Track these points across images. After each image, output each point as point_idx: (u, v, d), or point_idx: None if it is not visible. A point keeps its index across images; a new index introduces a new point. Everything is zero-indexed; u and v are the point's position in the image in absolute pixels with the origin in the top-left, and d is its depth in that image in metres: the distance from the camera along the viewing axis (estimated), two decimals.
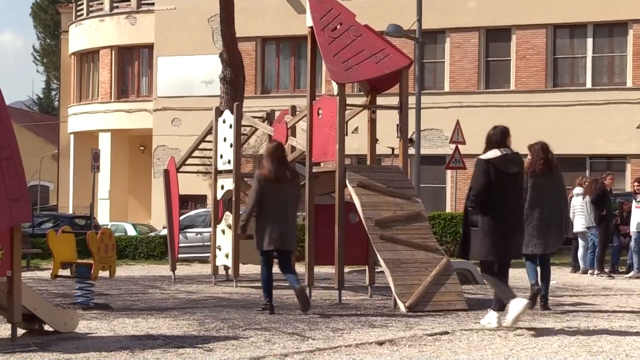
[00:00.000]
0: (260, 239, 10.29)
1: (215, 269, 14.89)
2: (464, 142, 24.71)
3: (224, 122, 14.69)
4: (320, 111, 12.04)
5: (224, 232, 14.69)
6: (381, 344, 7.76)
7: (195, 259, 22.54)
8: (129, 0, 38.48)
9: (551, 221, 10.69)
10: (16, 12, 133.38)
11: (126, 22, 38.35)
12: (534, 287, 10.65)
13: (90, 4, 39.92)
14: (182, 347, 7.63)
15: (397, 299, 10.41)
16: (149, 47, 36.81)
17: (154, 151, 36.08)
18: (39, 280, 16.13)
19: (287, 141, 13.70)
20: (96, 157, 27.94)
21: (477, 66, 31.70)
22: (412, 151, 18.32)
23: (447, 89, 31.94)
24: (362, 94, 13.75)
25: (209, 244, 16.52)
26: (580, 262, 18.28)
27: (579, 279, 16.80)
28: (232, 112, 14.52)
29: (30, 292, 8.48)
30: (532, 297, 10.48)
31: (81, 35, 40.03)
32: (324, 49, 11.83)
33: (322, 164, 12.40)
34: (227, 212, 14.90)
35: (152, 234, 28.77)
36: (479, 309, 10.28)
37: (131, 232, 30.91)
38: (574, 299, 12.21)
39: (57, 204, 44.88)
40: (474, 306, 10.67)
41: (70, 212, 38.64)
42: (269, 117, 15.17)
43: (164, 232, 22.28)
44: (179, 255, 16.82)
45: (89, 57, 40.13)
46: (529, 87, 30.96)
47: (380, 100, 12.68)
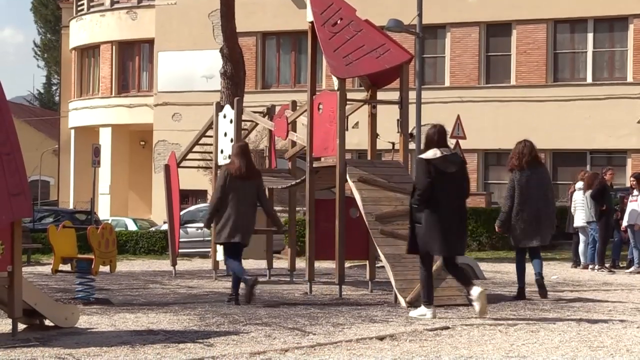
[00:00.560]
0: (222, 231, 10.80)
1: (215, 264, 14.88)
2: (464, 137, 24.70)
3: (225, 117, 14.69)
4: (320, 106, 12.03)
5: None
6: (382, 339, 7.76)
7: (195, 254, 22.53)
8: None
9: (541, 214, 11.19)
10: (17, 8, 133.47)
11: (127, 17, 38.34)
12: (536, 276, 11.30)
13: None
14: (183, 342, 7.63)
15: (397, 294, 10.40)
16: (150, 42, 36.80)
17: (155, 146, 36.08)
18: (40, 275, 16.13)
19: (287, 136, 13.71)
20: (97, 152, 27.92)
21: (477, 61, 31.69)
22: (412, 146, 18.33)
23: (447, 84, 31.92)
24: (362, 88, 13.74)
25: (209, 239, 16.52)
26: (580, 257, 18.27)
27: (580, 274, 16.80)
28: (232, 107, 14.52)
29: (30, 287, 8.48)
30: (540, 286, 11.28)
31: (82, 30, 40.01)
32: (325, 43, 11.83)
33: (322, 159, 12.41)
34: None
35: (153, 228, 28.77)
36: None
37: (132, 227, 30.89)
38: (574, 294, 12.21)
39: (57, 199, 44.89)
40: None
41: (70, 207, 38.63)
42: (270, 112, 15.16)
43: (165, 227, 22.29)
44: (179, 250, 16.81)
45: (89, 52, 40.14)
46: (529, 82, 30.93)
47: (380, 95, 12.67)
